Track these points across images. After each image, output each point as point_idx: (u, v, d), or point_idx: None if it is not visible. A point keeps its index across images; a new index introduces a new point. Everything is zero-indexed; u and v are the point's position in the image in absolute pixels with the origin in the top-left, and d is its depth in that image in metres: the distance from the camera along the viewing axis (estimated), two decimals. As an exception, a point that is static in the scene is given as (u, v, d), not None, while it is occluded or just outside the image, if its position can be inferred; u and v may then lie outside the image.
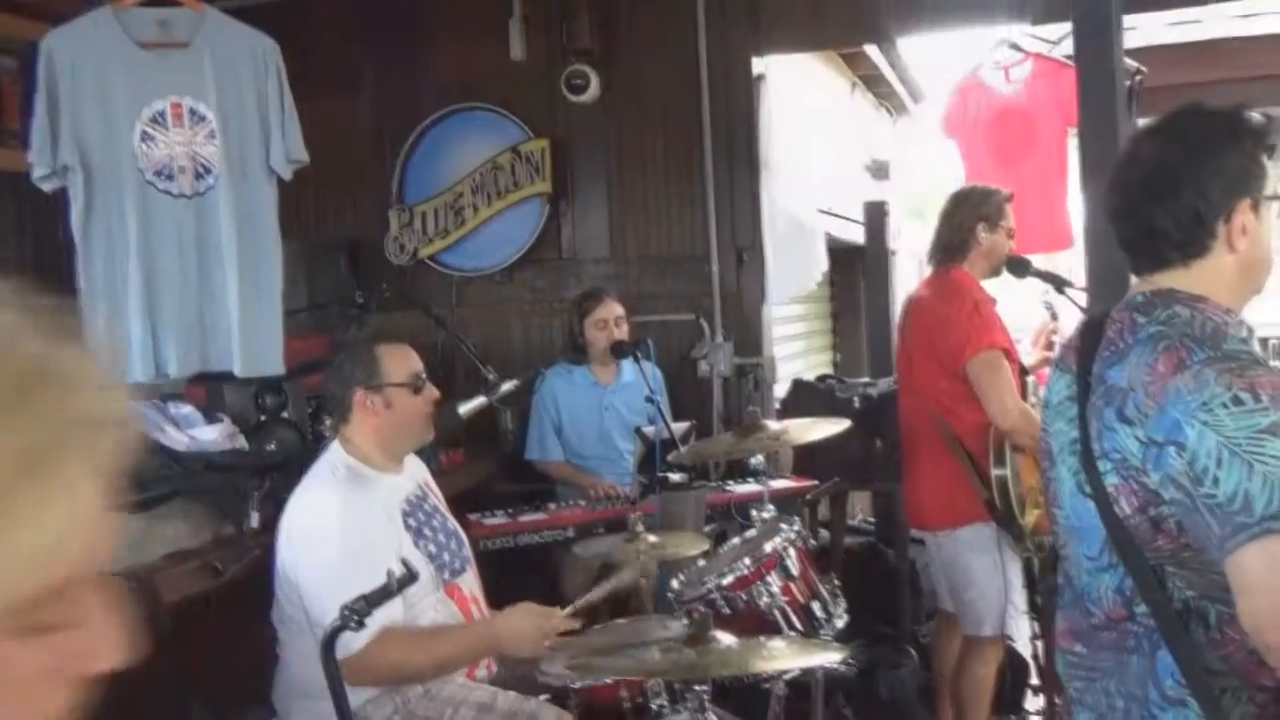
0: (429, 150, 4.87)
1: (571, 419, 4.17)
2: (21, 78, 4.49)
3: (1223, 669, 1.46)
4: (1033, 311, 4.93)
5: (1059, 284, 3.57)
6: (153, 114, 2.94)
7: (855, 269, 7.51)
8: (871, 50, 6.43)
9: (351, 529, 2.47)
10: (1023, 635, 3.77)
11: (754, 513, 3.24)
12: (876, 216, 5.78)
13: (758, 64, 4.59)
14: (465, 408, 3.27)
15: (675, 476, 3.39)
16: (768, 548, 2.75)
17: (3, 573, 0.53)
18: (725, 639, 2.18)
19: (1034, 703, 4.19)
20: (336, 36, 4.83)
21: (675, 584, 2.83)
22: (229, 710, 2.55)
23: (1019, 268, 3.56)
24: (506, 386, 3.38)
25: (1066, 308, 3.77)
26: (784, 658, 2.26)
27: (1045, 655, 4.04)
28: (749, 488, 3.95)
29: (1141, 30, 4.94)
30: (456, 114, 4.82)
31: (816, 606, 2.78)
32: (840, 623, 2.81)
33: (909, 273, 7.92)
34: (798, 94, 5.32)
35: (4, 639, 0.54)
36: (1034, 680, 4.19)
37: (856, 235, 6.54)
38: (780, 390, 4.89)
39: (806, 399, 4.51)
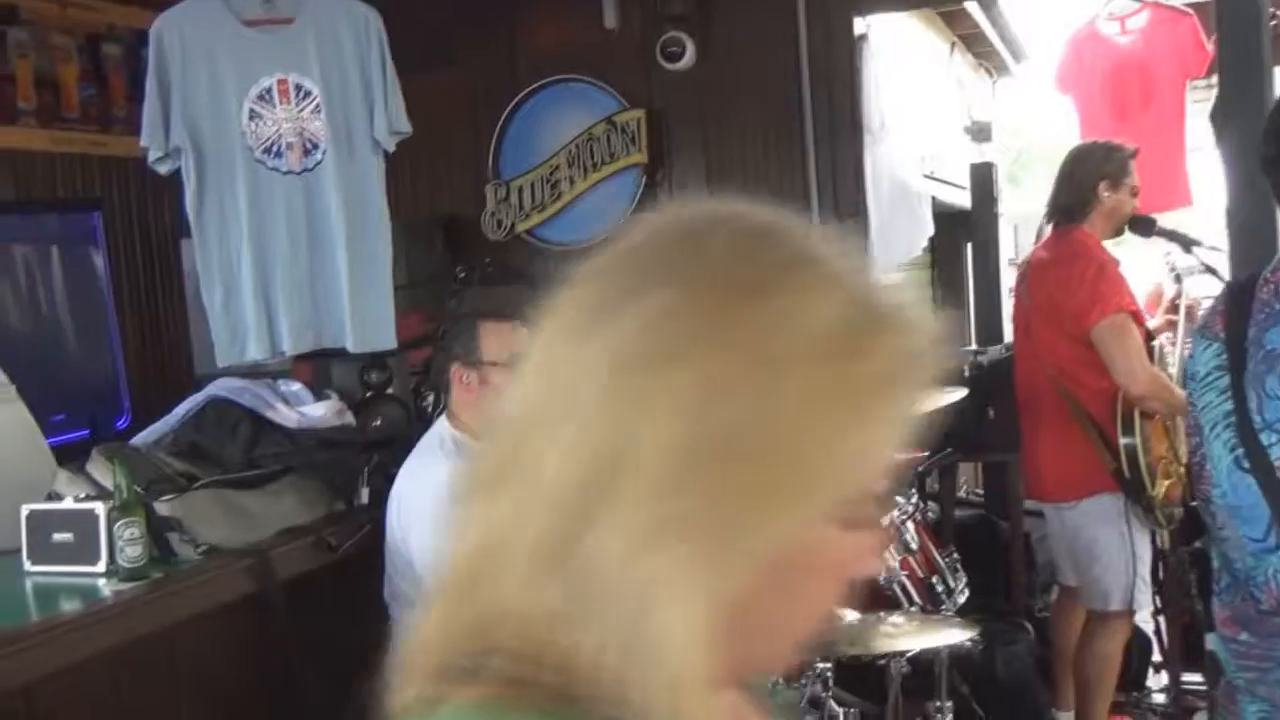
0: (524, 124, 4.83)
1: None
2: (126, 64, 4.57)
3: None
4: (1152, 274, 4.73)
5: (1187, 243, 3.40)
6: (260, 91, 2.96)
7: (956, 234, 7.30)
8: (972, 8, 6.22)
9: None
10: (1145, 610, 3.63)
11: (866, 485, 3.15)
12: (984, 178, 5.59)
13: (859, 24, 4.44)
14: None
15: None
16: (884, 521, 2.67)
17: (851, 468, 0.63)
18: (848, 615, 2.11)
19: (1156, 680, 4.05)
20: (428, 11, 4.82)
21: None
22: (345, 686, 2.56)
23: (1144, 227, 3.39)
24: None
25: (1193, 269, 3.59)
26: (907, 635, 2.18)
27: (1168, 631, 3.89)
28: (857, 460, 3.85)
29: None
30: (550, 86, 4.78)
31: (937, 581, 2.69)
32: (962, 597, 2.72)
33: (1005, 238, 7.69)
34: (899, 54, 5.16)
35: (834, 526, 0.63)
36: (1156, 657, 4.05)
37: (958, 199, 6.35)
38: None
39: (914, 368, 4.38)
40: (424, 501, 2.50)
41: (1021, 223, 8.82)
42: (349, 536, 2.65)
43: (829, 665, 2.30)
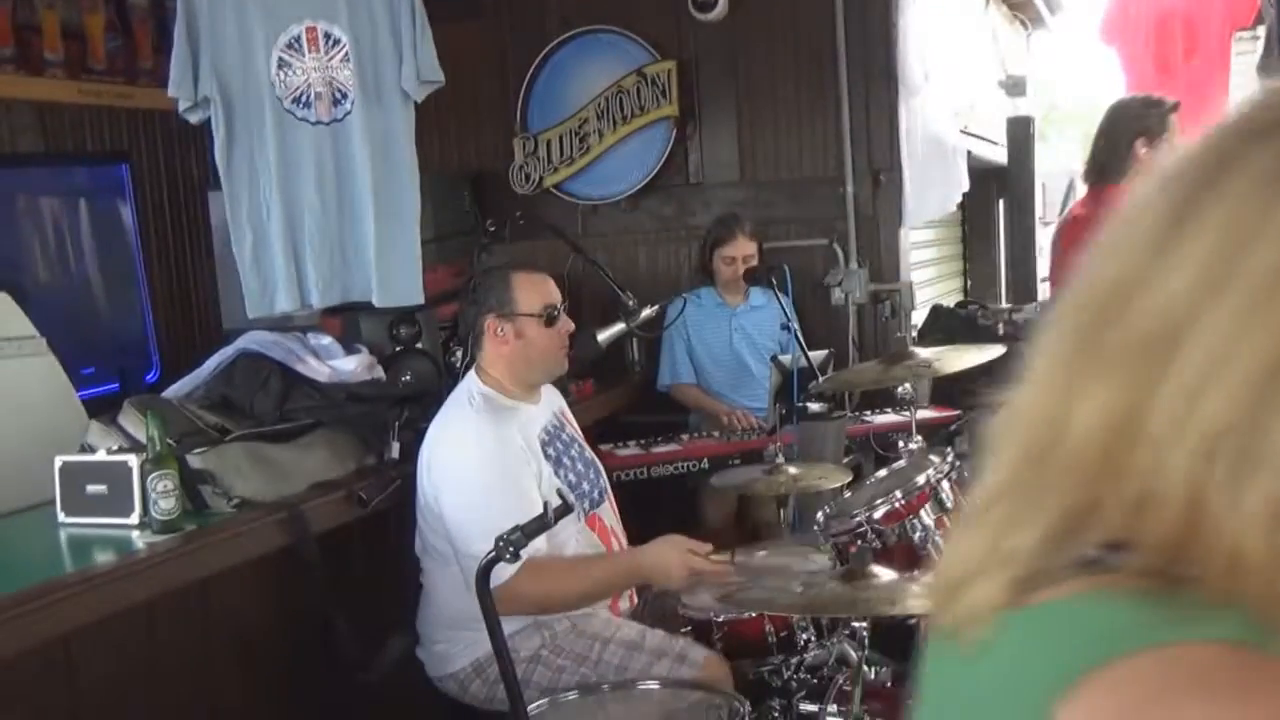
0: (552, 76, 4.78)
1: (701, 341, 4.11)
2: (153, 14, 4.54)
3: None
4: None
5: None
6: (288, 40, 2.92)
7: (988, 190, 7.20)
8: (1009, -42, 6.09)
9: (493, 457, 2.45)
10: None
11: (900, 444, 3.12)
12: (1021, 133, 5.49)
13: (894, -25, 4.35)
14: (604, 335, 3.20)
15: (814, 406, 3.28)
16: (920, 480, 2.63)
17: None
18: (884, 574, 2.09)
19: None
20: (457, -39, 4.75)
21: (821, 516, 2.74)
22: (376, 640, 2.58)
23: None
24: (647, 312, 3.30)
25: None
26: (944, 595, 2.15)
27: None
28: (889, 418, 3.82)
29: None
30: (580, 37, 4.71)
31: (971, 541, 2.66)
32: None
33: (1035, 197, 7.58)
34: (934, 6, 5.05)
35: None
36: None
37: (991, 154, 6.25)
38: (916, 318, 4.72)
39: (946, 326, 4.34)
40: (454, 457, 2.49)
41: (1049, 180, 8.69)
42: (380, 491, 2.64)
43: (865, 624, 2.28)
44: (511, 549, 1.84)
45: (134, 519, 2.27)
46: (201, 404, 2.71)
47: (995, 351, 3.14)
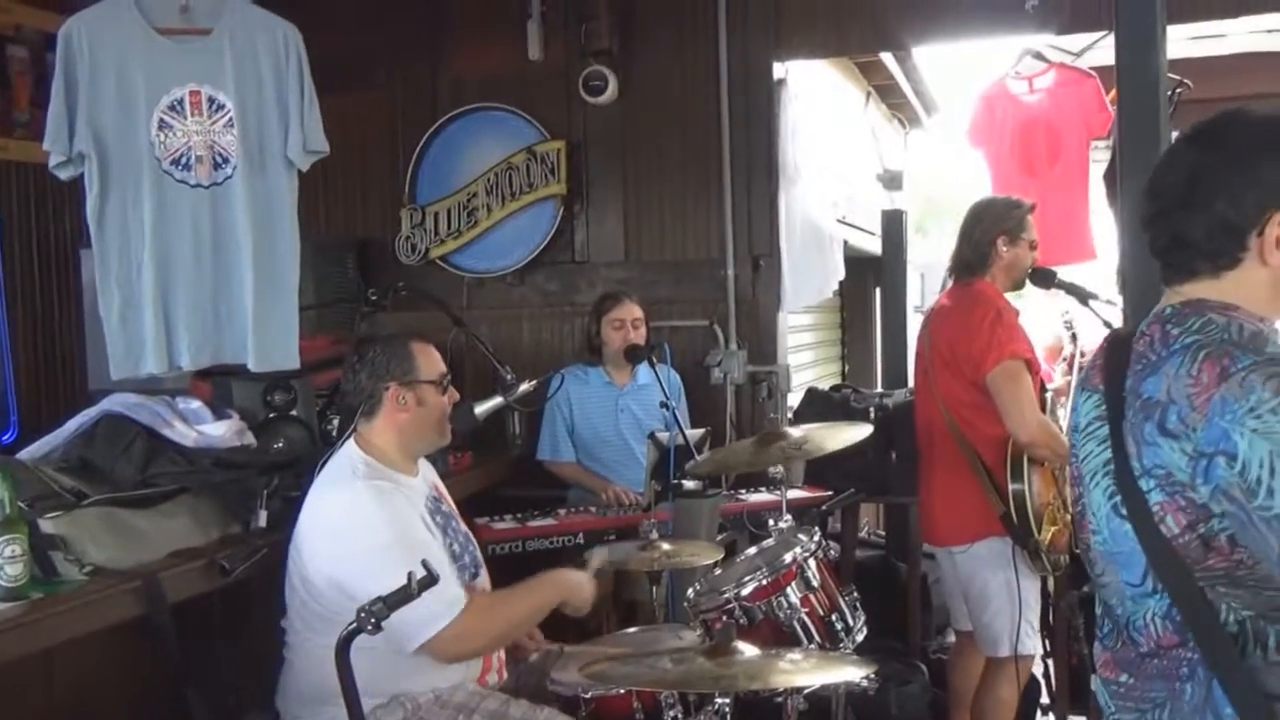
0: (443, 149, 4.82)
1: (585, 420, 4.13)
2: (33, 67, 4.45)
3: None
4: (1052, 327, 4.87)
5: (1084, 296, 3.51)
6: (171, 102, 2.89)
7: (866, 279, 7.47)
8: (888, 59, 6.40)
9: (394, 520, 2.45)
10: (1035, 654, 3.71)
11: (771, 522, 3.18)
12: (894, 225, 5.72)
13: (778, 69, 4.54)
14: (481, 408, 3.21)
15: (689, 483, 3.33)
16: (787, 558, 2.69)
17: None
18: (748, 651, 2.12)
19: (1045, 722, 4.13)
20: (353, 32, 4.79)
21: (691, 593, 2.77)
22: (232, 713, 2.50)
23: (1043, 279, 3.50)
24: (524, 387, 3.32)
25: (1090, 323, 3.72)
26: (806, 672, 2.20)
27: (1055, 674, 3.99)
28: (762, 497, 3.89)
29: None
30: (472, 113, 4.78)
31: (836, 619, 2.72)
32: (860, 636, 2.75)
33: (912, 285, 7.89)
34: (816, 101, 5.28)
35: None
36: (1044, 700, 4.14)
37: (868, 244, 6.50)
38: (793, 400, 4.83)
39: (821, 408, 4.45)
40: (347, 524, 2.45)
41: (927, 271, 9.07)
42: (244, 560, 2.58)
43: (728, 701, 2.30)
44: (374, 620, 1.82)
45: (-24, 585, 2.17)
46: (58, 466, 2.62)
47: (866, 431, 3.25)
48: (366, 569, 2.32)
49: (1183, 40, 5.06)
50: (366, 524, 2.43)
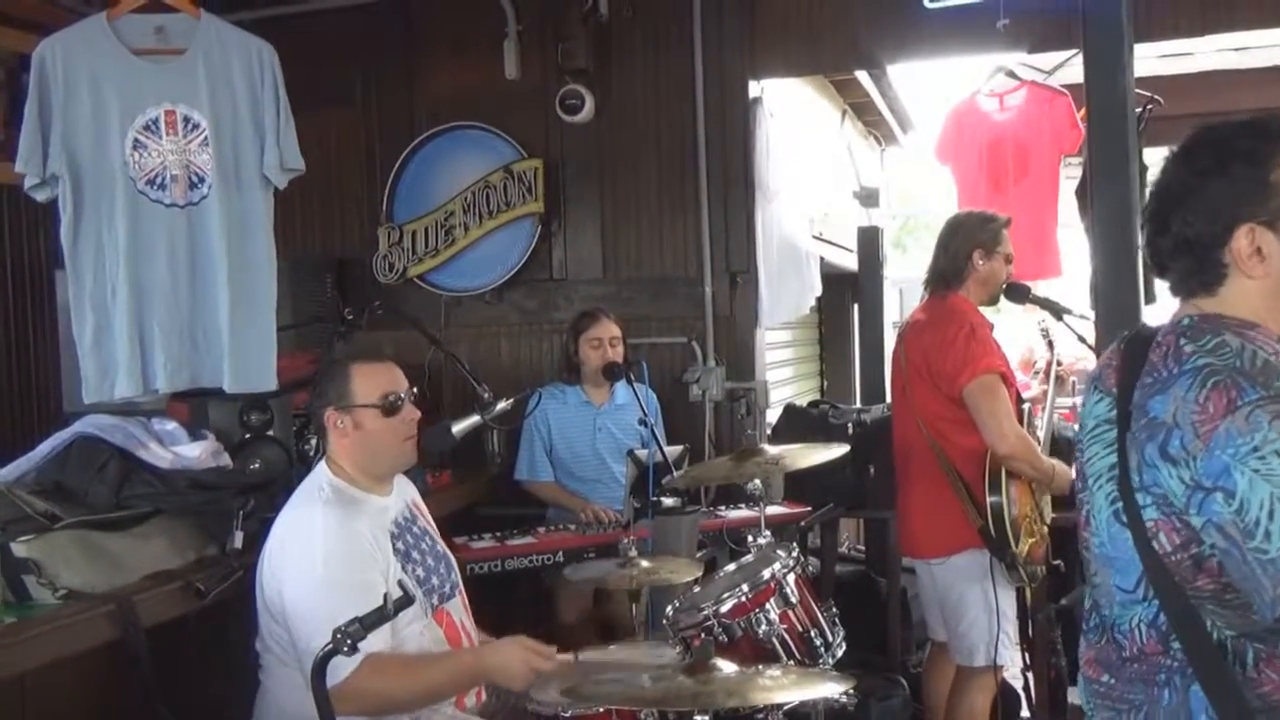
0: (420, 168, 4.83)
1: (564, 439, 4.12)
2: (7, 89, 4.42)
3: (1260, 707, 1.41)
4: (1025, 340, 4.91)
5: (1057, 311, 3.54)
6: (146, 122, 2.88)
7: (843, 295, 7.50)
8: (863, 78, 6.45)
9: (337, 550, 2.39)
10: (1014, 666, 3.72)
11: (750, 538, 3.18)
12: (870, 241, 5.76)
13: (753, 87, 4.57)
14: (458, 426, 3.20)
15: (668, 500, 3.33)
16: (766, 574, 2.69)
17: None
18: (726, 667, 2.12)
19: (1025, 734, 4.14)
20: (330, 52, 4.79)
21: (670, 610, 2.77)
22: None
23: (1017, 294, 3.53)
24: (501, 405, 3.32)
25: (1064, 336, 3.75)
26: (785, 688, 2.19)
27: (1035, 687, 4.00)
28: (741, 513, 3.90)
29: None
30: (449, 132, 4.79)
31: (815, 635, 2.72)
32: (840, 651, 2.76)
33: (891, 302, 7.94)
34: (792, 118, 5.31)
35: None
36: (1025, 712, 4.15)
37: (846, 261, 6.53)
38: (771, 416, 4.85)
39: (799, 424, 4.46)
40: (297, 549, 2.43)
41: (906, 288, 9.13)
42: (219, 582, 2.56)
43: (707, 718, 2.30)
44: (349, 641, 1.80)
45: (-53, 610, 2.15)
46: (31, 489, 2.60)
47: (842, 449, 3.27)
48: (302, 597, 2.32)
49: (1152, 58, 5.13)
50: (308, 555, 2.38)
